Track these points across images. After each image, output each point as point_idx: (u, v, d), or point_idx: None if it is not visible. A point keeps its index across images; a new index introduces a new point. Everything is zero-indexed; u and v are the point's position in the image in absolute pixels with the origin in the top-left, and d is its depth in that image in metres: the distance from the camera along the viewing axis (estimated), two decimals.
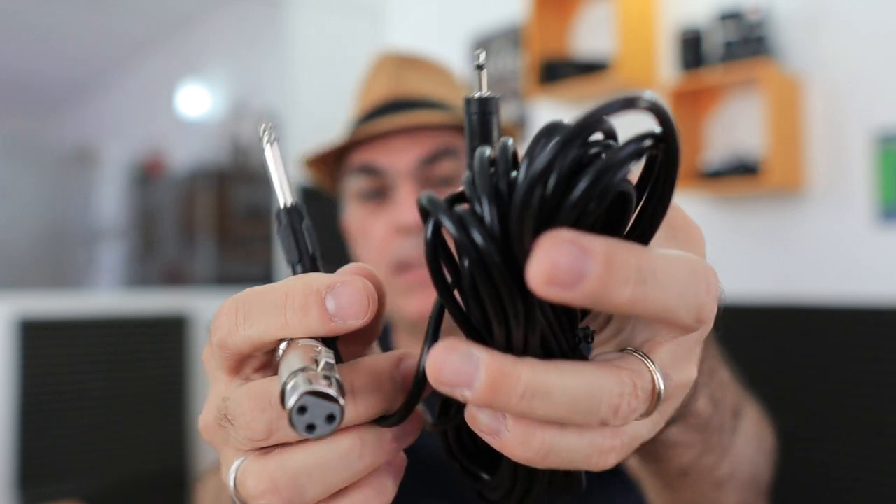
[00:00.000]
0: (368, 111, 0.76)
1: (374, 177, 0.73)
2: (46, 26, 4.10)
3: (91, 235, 4.69)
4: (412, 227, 0.69)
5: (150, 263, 4.50)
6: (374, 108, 0.76)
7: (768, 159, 1.90)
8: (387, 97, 0.75)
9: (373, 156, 0.73)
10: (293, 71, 3.22)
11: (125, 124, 4.83)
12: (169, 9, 4.05)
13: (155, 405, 2.70)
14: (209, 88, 4.35)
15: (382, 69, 0.78)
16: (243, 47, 3.98)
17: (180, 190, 4.29)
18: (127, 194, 4.60)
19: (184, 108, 4.42)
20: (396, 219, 0.71)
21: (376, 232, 0.73)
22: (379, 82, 0.77)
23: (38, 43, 4.29)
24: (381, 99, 0.75)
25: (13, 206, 4.16)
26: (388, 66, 0.77)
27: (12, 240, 4.11)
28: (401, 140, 0.72)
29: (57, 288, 4.39)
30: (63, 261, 4.60)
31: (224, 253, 4.01)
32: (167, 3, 4.01)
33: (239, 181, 4.01)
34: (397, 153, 0.72)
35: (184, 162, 4.31)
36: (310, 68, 3.25)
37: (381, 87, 0.76)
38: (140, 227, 4.57)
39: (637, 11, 2.29)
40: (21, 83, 4.85)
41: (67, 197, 4.67)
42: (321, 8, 3.32)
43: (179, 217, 4.30)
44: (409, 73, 0.77)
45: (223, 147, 3.93)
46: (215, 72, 4.34)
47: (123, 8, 3.98)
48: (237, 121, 3.83)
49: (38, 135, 5.28)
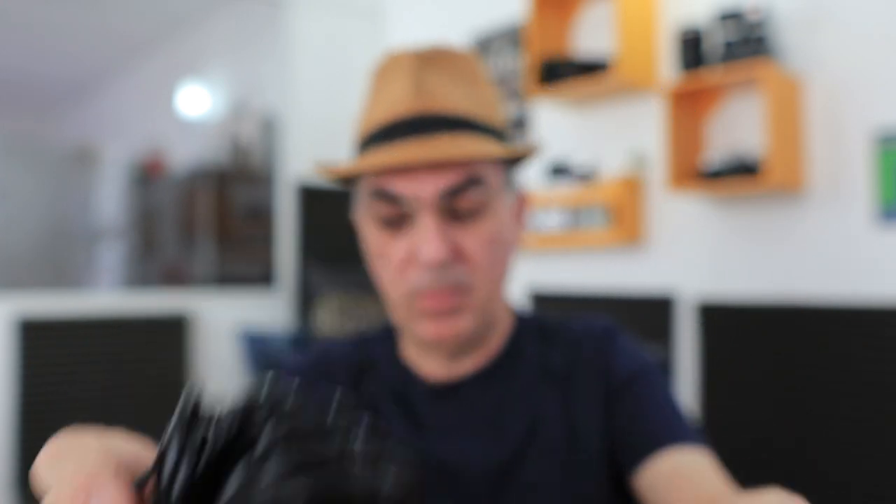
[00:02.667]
0: (386, 125, 0.70)
1: (394, 204, 0.69)
2: (46, 26, 4.10)
3: (91, 235, 4.69)
4: (430, 263, 0.67)
5: (150, 263, 4.50)
6: (392, 123, 0.70)
7: (768, 159, 1.89)
8: (407, 112, 0.69)
9: (393, 183, 0.69)
10: (293, 71, 3.22)
11: (125, 124, 4.83)
12: (169, 9, 4.05)
13: (155, 405, 2.70)
14: (209, 88, 4.34)
15: (400, 71, 0.71)
16: (243, 47, 3.98)
17: (180, 190, 4.29)
18: (127, 194, 4.60)
19: (184, 108, 4.42)
20: (416, 253, 0.69)
21: (395, 255, 0.71)
22: (398, 89, 0.70)
23: (38, 43, 4.29)
24: (402, 113, 0.69)
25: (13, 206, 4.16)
26: (406, 69, 0.71)
27: (12, 240, 4.11)
28: (425, 172, 0.68)
29: (57, 288, 4.39)
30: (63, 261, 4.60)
31: (224, 253, 4.01)
32: (167, 4, 4.01)
33: (239, 181, 4.01)
34: (420, 183, 0.68)
35: (184, 162, 4.31)
36: (310, 68, 3.25)
37: (401, 98, 0.70)
38: (140, 227, 4.57)
39: (637, 11, 2.29)
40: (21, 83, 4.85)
41: (67, 197, 4.67)
42: (321, 8, 3.32)
43: (179, 217, 4.30)
44: (431, 78, 0.71)
45: (223, 147, 3.93)
46: (215, 72, 4.34)
47: (123, 8, 3.98)
48: (237, 121, 3.83)
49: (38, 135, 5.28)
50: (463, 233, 0.70)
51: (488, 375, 0.78)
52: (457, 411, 0.77)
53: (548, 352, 0.80)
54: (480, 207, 0.71)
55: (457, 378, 0.78)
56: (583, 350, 0.79)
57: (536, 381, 0.78)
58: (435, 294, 0.70)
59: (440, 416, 0.77)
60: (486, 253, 0.71)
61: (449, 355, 0.76)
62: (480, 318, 0.73)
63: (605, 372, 0.77)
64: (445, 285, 0.70)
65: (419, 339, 0.74)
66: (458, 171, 0.69)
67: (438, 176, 0.68)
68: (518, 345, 0.81)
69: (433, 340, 0.72)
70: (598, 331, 0.80)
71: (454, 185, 0.68)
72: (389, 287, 0.73)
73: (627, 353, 0.79)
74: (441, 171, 0.68)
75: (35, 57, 4.46)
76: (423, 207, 0.68)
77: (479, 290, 0.72)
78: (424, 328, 0.72)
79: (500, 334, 0.81)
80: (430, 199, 0.68)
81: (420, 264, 0.69)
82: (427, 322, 0.72)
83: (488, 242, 0.71)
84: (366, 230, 0.76)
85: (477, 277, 0.71)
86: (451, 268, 0.70)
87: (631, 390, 0.75)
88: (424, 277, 0.70)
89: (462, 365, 0.78)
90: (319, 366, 0.84)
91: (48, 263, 4.39)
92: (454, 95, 0.71)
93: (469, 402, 0.77)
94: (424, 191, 0.68)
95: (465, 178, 0.69)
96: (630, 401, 0.74)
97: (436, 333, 0.71)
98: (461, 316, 0.72)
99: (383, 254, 0.72)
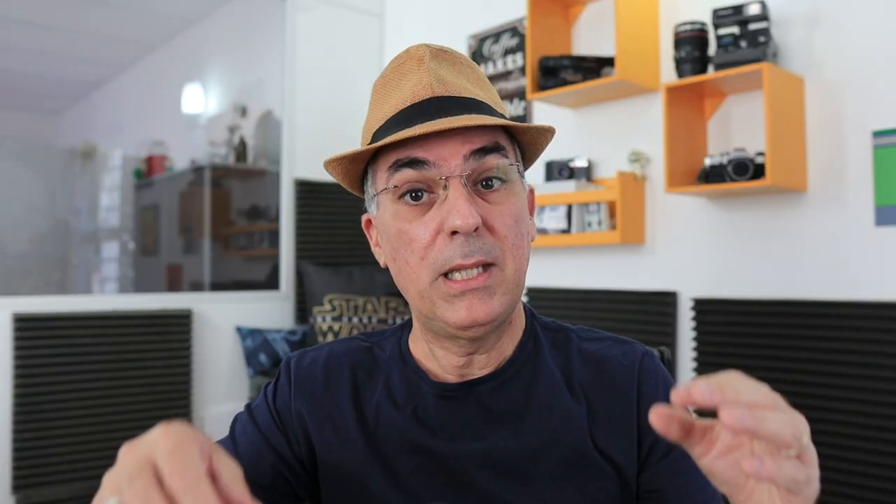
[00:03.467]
0: (405, 109, 0.72)
1: (422, 169, 0.69)
2: (47, 27, 4.10)
3: (91, 235, 4.69)
4: (463, 227, 0.67)
5: (149, 263, 4.50)
6: (411, 106, 0.71)
7: (768, 159, 1.89)
8: (427, 96, 0.71)
9: (419, 150, 0.69)
10: (293, 71, 3.22)
11: (125, 124, 4.83)
12: (169, 9, 4.05)
13: (155, 404, 2.70)
14: (209, 88, 4.35)
15: (416, 61, 0.73)
16: (244, 47, 3.98)
17: (180, 190, 4.29)
18: (127, 194, 4.60)
19: (184, 108, 4.42)
20: (448, 222, 0.68)
21: (421, 235, 0.70)
22: (415, 79, 0.72)
23: (38, 43, 4.29)
24: (421, 97, 0.71)
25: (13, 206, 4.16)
26: (421, 62, 0.73)
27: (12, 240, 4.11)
28: (451, 139, 0.69)
29: (56, 288, 4.39)
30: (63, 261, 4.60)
31: (224, 253, 4.01)
32: (167, 4, 4.01)
33: (239, 181, 4.01)
34: (446, 147, 0.69)
35: (184, 162, 4.31)
36: (310, 68, 3.25)
37: (419, 85, 0.72)
38: (140, 227, 4.57)
39: (637, 11, 2.29)
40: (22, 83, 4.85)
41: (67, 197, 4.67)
42: (321, 8, 3.32)
43: (179, 217, 4.30)
44: (444, 71, 0.73)
45: (223, 147, 3.93)
46: (215, 72, 4.34)
47: (124, 8, 3.99)
48: (237, 121, 3.83)
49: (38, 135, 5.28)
50: (489, 208, 0.70)
51: (503, 378, 0.77)
52: (468, 413, 0.76)
53: (572, 364, 0.79)
54: (504, 179, 0.72)
55: (468, 379, 0.77)
56: (615, 373, 0.78)
57: (557, 392, 0.77)
58: (467, 269, 0.69)
59: (450, 417, 0.76)
60: (512, 230, 0.71)
61: (471, 346, 0.75)
62: (510, 302, 0.72)
63: (637, 404, 0.76)
64: (477, 257, 0.69)
65: (445, 329, 0.72)
66: (482, 138, 0.70)
67: (464, 142, 0.69)
68: (534, 349, 0.80)
69: (465, 323, 0.70)
70: (634, 356, 0.79)
71: (479, 147, 0.70)
72: (415, 273, 0.71)
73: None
74: (466, 137, 0.70)
75: (36, 57, 4.46)
76: (450, 175, 0.69)
77: (508, 269, 0.71)
78: (453, 313, 0.70)
79: (514, 335, 0.80)
80: (457, 162, 0.69)
81: (450, 234, 0.68)
82: (456, 305, 0.70)
83: (513, 220, 0.71)
84: (384, 219, 0.74)
85: (506, 253, 0.71)
86: (481, 238, 0.69)
87: (675, 450, 0.75)
88: (456, 249, 0.68)
89: (474, 365, 0.77)
90: (322, 367, 0.83)
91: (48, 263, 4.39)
92: (466, 85, 0.74)
93: (481, 404, 0.76)
94: (451, 155, 0.69)
95: (489, 142, 0.70)
96: (674, 464, 0.75)
97: (468, 315, 0.69)
98: (494, 296, 0.70)
99: (407, 237, 0.71)
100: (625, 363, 0.78)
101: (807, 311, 1.99)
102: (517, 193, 0.73)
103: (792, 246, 2.07)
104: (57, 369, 2.51)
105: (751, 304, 2.10)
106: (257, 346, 2.94)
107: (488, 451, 0.74)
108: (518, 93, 2.83)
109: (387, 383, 0.80)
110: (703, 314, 2.21)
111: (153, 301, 2.80)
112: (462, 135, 0.69)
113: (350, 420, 0.79)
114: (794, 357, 1.99)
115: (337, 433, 0.79)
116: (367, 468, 0.77)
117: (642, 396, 0.77)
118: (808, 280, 2.02)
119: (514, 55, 2.86)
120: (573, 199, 2.41)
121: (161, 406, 2.72)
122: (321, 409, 0.80)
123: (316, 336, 2.91)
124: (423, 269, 0.70)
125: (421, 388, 0.78)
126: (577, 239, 2.42)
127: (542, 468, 0.73)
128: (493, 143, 0.71)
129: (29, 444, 2.45)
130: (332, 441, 0.79)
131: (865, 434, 1.86)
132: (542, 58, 2.45)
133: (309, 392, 0.81)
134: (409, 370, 0.80)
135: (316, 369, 0.83)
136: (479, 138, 0.70)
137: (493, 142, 0.71)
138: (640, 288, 2.41)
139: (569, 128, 2.65)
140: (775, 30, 2.09)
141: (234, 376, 2.98)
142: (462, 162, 0.69)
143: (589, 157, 2.57)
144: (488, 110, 0.73)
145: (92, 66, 4.84)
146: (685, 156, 2.15)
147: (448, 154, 0.69)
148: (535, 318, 0.83)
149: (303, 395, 0.81)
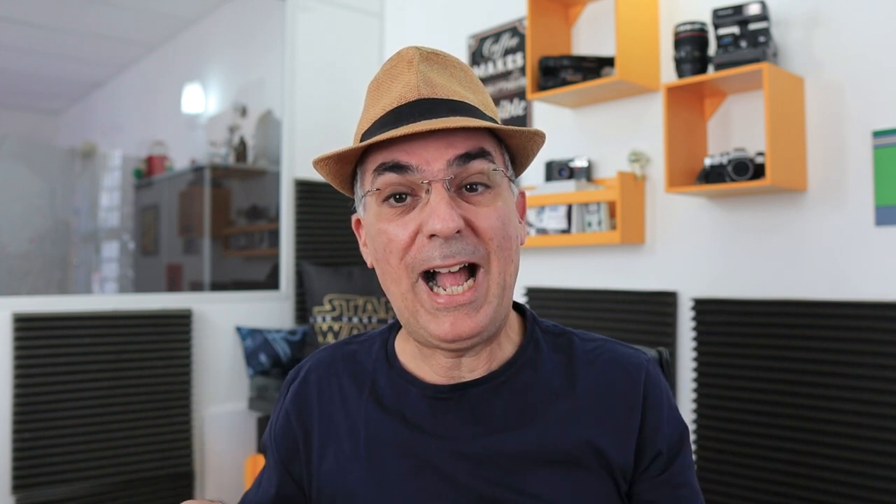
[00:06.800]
0: (392, 110, 0.71)
1: (405, 174, 0.69)
2: (47, 27, 4.10)
3: (91, 235, 4.69)
4: (441, 231, 0.66)
5: (149, 263, 4.50)
6: (399, 107, 0.71)
7: (768, 159, 1.89)
8: (414, 98, 0.71)
9: (403, 153, 0.69)
10: (293, 71, 3.22)
11: (125, 124, 4.83)
12: (169, 9, 4.05)
13: (155, 404, 2.70)
14: (209, 88, 4.35)
15: (406, 63, 0.73)
16: (244, 47, 3.97)
17: (180, 190, 4.29)
18: (127, 194, 4.60)
19: (184, 108, 4.42)
20: (427, 226, 0.67)
21: (400, 235, 0.69)
22: (404, 81, 0.72)
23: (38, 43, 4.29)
24: (409, 99, 0.71)
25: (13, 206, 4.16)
26: (411, 64, 0.72)
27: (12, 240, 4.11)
28: (434, 142, 0.68)
29: (56, 288, 4.39)
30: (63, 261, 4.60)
31: (224, 253, 4.01)
32: (167, 4, 4.01)
33: (239, 181, 4.01)
34: (430, 152, 0.68)
35: (184, 162, 4.31)
36: (310, 68, 3.25)
37: (407, 88, 0.71)
38: (140, 227, 4.57)
39: (637, 11, 2.29)
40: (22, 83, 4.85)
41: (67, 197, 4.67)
42: (321, 8, 3.32)
43: (179, 217, 4.30)
44: (434, 73, 0.73)
45: (223, 147, 3.93)
46: (215, 72, 4.34)
47: (124, 8, 3.98)
48: (237, 121, 3.83)
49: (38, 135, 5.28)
50: (474, 210, 0.70)
51: (498, 382, 0.76)
52: (460, 416, 0.75)
53: (575, 366, 0.78)
54: (489, 185, 0.71)
55: (459, 382, 0.76)
56: (619, 377, 0.77)
57: (555, 396, 0.76)
58: (448, 267, 0.68)
59: (440, 420, 0.75)
60: (498, 231, 0.70)
61: (456, 355, 0.74)
62: (496, 311, 0.71)
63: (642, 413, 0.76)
64: (459, 258, 0.68)
65: (431, 338, 0.71)
66: (466, 142, 0.69)
67: (447, 146, 0.69)
68: (533, 353, 0.79)
69: (449, 337, 0.69)
70: (640, 364, 0.79)
71: (462, 153, 0.69)
72: (395, 273, 0.71)
73: (672, 411, 0.78)
74: (450, 141, 0.69)
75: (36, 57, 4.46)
76: (433, 179, 0.68)
77: (493, 271, 0.70)
78: (438, 327, 0.69)
79: (510, 338, 0.79)
80: (440, 167, 0.68)
81: (429, 237, 0.68)
82: (441, 319, 0.69)
83: (499, 221, 0.70)
84: (368, 220, 0.75)
85: (491, 255, 0.70)
86: (464, 239, 0.68)
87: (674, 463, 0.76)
88: (434, 250, 0.68)
89: (464, 368, 0.76)
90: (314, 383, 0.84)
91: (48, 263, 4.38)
92: (456, 87, 0.73)
93: (474, 407, 0.75)
94: (434, 159, 0.68)
95: (473, 148, 0.70)
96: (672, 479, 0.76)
97: (452, 330, 0.69)
98: (479, 310, 0.69)
99: (387, 237, 0.70)
100: (630, 369, 0.78)
101: (807, 311, 1.99)
102: (504, 197, 0.73)
103: (792, 246, 2.07)
104: (57, 369, 2.51)
105: (751, 304, 2.10)
106: (257, 346, 2.94)
107: (481, 454, 0.73)
108: (518, 93, 2.83)
109: (373, 387, 0.80)
110: (703, 314, 2.21)
111: (153, 301, 2.80)
112: (446, 138, 0.69)
113: (342, 430, 0.80)
114: (794, 357, 1.99)
115: (333, 448, 0.80)
116: (359, 475, 0.77)
117: (648, 408, 0.76)
118: (807, 280, 2.02)
119: (514, 55, 2.86)
120: (573, 199, 2.41)
121: (161, 406, 2.72)
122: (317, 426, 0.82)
123: (316, 336, 2.91)
124: (403, 270, 0.70)
125: (409, 392, 0.77)
126: (577, 239, 2.42)
127: (537, 472, 0.73)
128: (478, 149, 0.70)
129: (29, 444, 2.45)
130: (328, 457, 0.80)
131: (865, 434, 1.86)
132: (542, 58, 2.45)
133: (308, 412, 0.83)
134: (395, 373, 0.79)
135: (308, 386, 0.84)
136: (463, 143, 0.69)
137: (478, 147, 0.70)
138: (640, 288, 2.41)
139: (569, 128, 2.65)
140: (775, 30, 2.09)
141: (234, 376, 2.98)
142: (445, 167, 0.69)
143: (589, 157, 2.57)
144: (477, 113, 0.72)
145: (92, 66, 4.84)
146: (685, 156, 2.15)
147: (431, 157, 0.68)
148: (536, 322, 0.82)
149: (299, 417, 0.84)
